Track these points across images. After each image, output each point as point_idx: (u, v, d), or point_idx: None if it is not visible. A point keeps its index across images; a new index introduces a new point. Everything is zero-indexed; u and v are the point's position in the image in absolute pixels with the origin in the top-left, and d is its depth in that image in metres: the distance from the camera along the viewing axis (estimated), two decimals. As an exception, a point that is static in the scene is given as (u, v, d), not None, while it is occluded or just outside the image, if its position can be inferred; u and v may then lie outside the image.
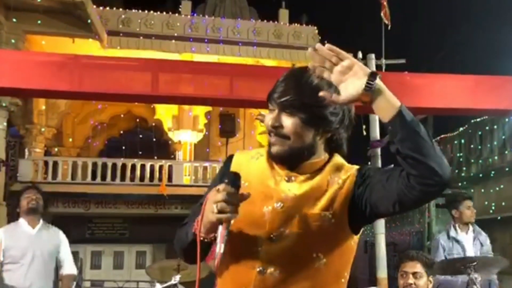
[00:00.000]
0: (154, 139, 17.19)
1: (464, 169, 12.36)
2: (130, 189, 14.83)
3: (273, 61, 16.05)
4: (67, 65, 4.66)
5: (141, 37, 15.34)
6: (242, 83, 4.87)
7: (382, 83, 1.34)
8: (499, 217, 9.18)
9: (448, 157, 12.97)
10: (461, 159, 12.58)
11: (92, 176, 15.01)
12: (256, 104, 4.62)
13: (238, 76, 4.98)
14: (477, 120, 11.79)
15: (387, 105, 1.33)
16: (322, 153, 1.53)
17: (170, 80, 4.99)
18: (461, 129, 12.70)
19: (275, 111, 1.48)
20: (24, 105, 14.09)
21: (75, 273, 4.47)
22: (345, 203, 1.45)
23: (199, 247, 1.40)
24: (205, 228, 1.39)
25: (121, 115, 18.17)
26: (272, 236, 1.45)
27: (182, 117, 16.64)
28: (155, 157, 15.73)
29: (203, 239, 1.40)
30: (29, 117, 14.97)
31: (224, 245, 1.35)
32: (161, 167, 15.27)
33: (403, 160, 1.32)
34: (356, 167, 1.51)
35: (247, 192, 1.39)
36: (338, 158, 1.55)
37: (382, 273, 6.63)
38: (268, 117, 1.50)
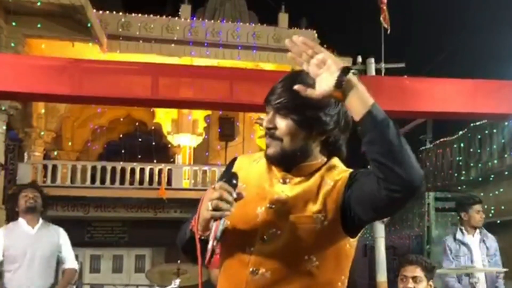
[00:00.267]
0: (153, 143, 17.19)
1: (464, 173, 12.36)
2: (130, 193, 14.82)
3: (273, 65, 16.06)
4: (67, 69, 4.66)
5: (141, 41, 15.35)
6: (242, 87, 4.87)
7: (355, 79, 1.30)
8: (499, 221, 9.18)
9: (447, 161, 12.99)
10: (460, 163, 12.58)
11: (91, 180, 15.00)
12: (255, 108, 4.62)
13: (237, 80, 4.98)
14: (477, 124, 11.79)
15: (359, 103, 1.29)
16: (319, 156, 1.52)
17: (169, 84, 4.99)
18: (460, 133, 12.70)
19: (271, 113, 1.50)
20: (24, 108, 14.09)
21: (76, 268, 4.45)
22: (337, 206, 1.44)
23: (198, 244, 1.40)
24: (201, 226, 1.40)
25: (120, 118, 18.18)
26: (264, 236, 1.45)
27: (182, 120, 16.65)
28: (155, 161, 15.73)
29: (200, 236, 1.40)
30: (29, 121, 14.97)
31: (217, 242, 1.35)
32: (160, 170, 15.27)
33: (371, 162, 1.29)
34: (350, 170, 1.50)
35: (242, 192, 1.40)
36: (335, 161, 1.54)
37: (382, 277, 6.64)
38: (264, 119, 1.52)
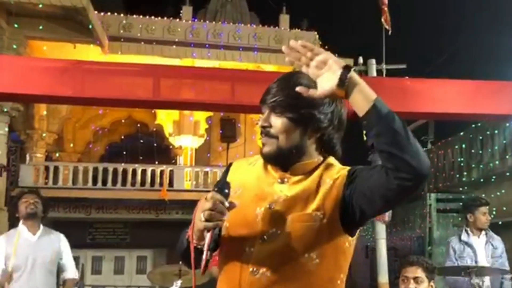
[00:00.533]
0: (155, 144, 17.21)
1: (465, 173, 12.33)
2: (131, 194, 14.84)
3: (274, 66, 16.08)
4: (69, 70, 4.66)
5: (142, 43, 15.38)
6: (243, 88, 4.87)
7: (357, 77, 1.35)
8: (500, 222, 9.16)
9: (448, 161, 12.96)
10: (462, 164, 12.55)
11: (93, 181, 15.02)
12: (257, 109, 4.60)
13: (239, 81, 4.99)
14: (478, 125, 11.77)
15: (362, 98, 1.33)
16: (315, 154, 1.54)
17: (171, 86, 5.00)
18: (461, 133, 12.68)
19: (266, 112, 1.53)
20: (25, 110, 14.12)
21: (77, 277, 4.45)
22: (336, 204, 1.46)
23: (192, 254, 1.43)
24: (196, 236, 1.42)
25: (122, 120, 18.20)
26: (264, 236, 1.46)
27: (183, 122, 16.67)
28: (156, 162, 15.76)
29: (197, 245, 1.43)
30: (30, 122, 15.01)
31: (210, 253, 1.38)
32: (162, 172, 15.29)
33: (379, 154, 1.32)
34: (348, 168, 1.52)
35: (235, 201, 1.42)
36: (331, 160, 1.56)
37: (383, 278, 6.64)
38: (260, 118, 1.55)
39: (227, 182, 1.47)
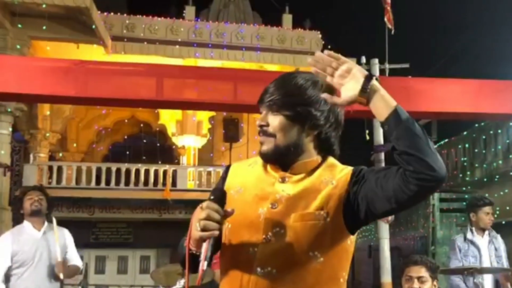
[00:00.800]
0: (158, 144, 17.24)
1: (468, 173, 12.32)
2: (134, 194, 14.86)
3: (277, 66, 16.08)
4: (72, 70, 4.68)
5: (145, 43, 15.40)
6: (246, 88, 4.88)
7: (378, 84, 1.41)
8: (504, 222, 9.14)
9: (452, 161, 12.95)
10: (465, 164, 12.54)
11: (96, 181, 15.04)
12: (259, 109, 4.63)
13: (242, 81, 5.00)
14: (481, 124, 11.75)
15: (383, 104, 1.39)
16: (313, 153, 1.55)
17: (174, 85, 5.01)
18: (465, 133, 12.67)
19: (264, 111, 1.55)
20: (29, 110, 14.15)
21: (81, 266, 4.46)
22: (340, 202, 1.47)
23: (187, 262, 1.45)
24: (193, 244, 1.44)
25: (125, 120, 18.23)
26: (268, 236, 1.47)
27: (186, 122, 16.68)
28: (159, 162, 15.78)
29: (196, 252, 1.44)
30: (34, 122, 15.04)
31: (207, 262, 1.39)
32: (165, 172, 15.30)
33: (399, 157, 1.36)
34: (351, 167, 1.54)
35: (231, 209, 1.43)
36: (332, 160, 1.58)
37: (387, 278, 6.63)
38: (258, 118, 1.57)
39: (223, 190, 1.48)
